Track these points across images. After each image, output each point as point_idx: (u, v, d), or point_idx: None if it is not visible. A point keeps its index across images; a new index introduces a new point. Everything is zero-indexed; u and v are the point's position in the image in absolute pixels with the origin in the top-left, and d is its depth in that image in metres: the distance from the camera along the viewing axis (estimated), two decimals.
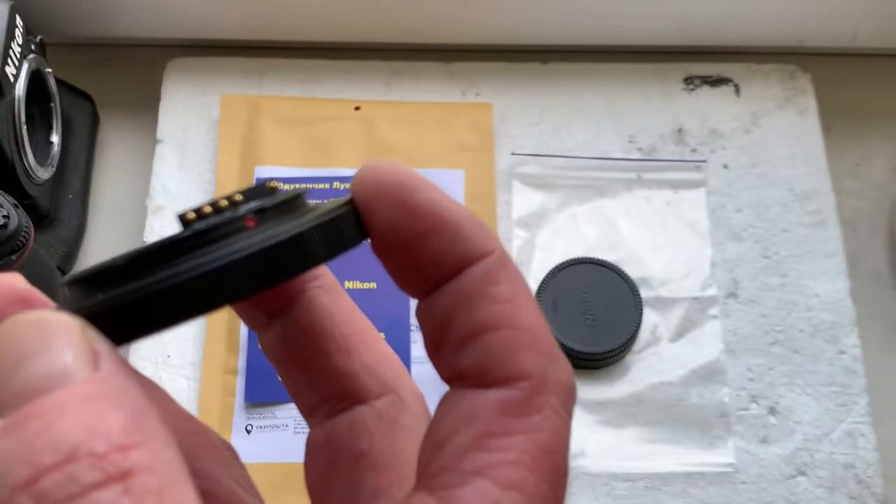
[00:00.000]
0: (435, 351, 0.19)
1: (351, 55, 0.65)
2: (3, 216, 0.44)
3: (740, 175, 0.60)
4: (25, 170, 0.53)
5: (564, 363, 0.19)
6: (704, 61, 0.64)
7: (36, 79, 0.54)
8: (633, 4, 0.62)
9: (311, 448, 0.22)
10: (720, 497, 0.52)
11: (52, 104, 0.57)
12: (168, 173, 0.59)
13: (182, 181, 0.59)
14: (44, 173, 0.55)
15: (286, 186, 0.58)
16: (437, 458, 0.18)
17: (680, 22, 0.64)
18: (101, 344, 0.16)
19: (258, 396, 0.53)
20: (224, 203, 0.18)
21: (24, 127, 0.52)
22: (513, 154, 0.60)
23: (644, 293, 0.55)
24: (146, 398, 0.15)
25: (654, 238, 0.58)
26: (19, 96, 0.52)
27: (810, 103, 0.62)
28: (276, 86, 0.63)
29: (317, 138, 0.60)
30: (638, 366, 0.55)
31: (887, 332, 0.58)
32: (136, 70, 0.65)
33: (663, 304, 0.56)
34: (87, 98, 0.62)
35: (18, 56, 0.51)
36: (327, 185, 0.58)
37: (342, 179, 0.58)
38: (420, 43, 0.65)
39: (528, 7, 0.62)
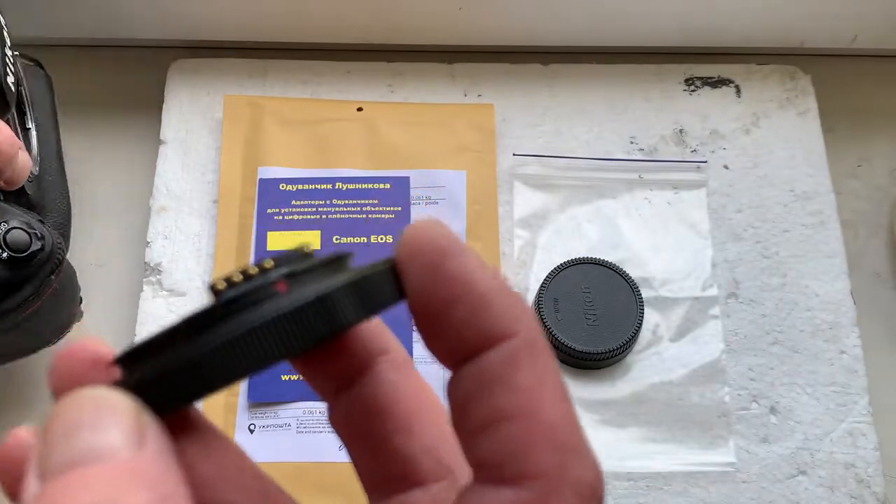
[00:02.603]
0: (458, 433, 0.18)
1: (353, 56, 0.65)
2: (39, 238, 0.42)
3: (741, 175, 0.61)
4: None
5: (589, 460, 0.17)
6: (705, 62, 0.64)
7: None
8: (633, 6, 0.63)
9: None
10: (721, 496, 0.52)
11: (22, 87, 0.52)
12: (171, 174, 0.60)
13: (185, 182, 0.60)
14: (34, 167, 0.51)
15: (291, 188, 0.58)
16: None
17: (681, 23, 0.64)
18: (151, 427, 0.16)
19: (261, 396, 0.53)
20: (254, 270, 0.18)
21: (19, 127, 0.50)
22: (514, 155, 0.60)
23: (645, 293, 0.55)
24: (183, 486, 0.16)
25: (655, 238, 0.58)
26: (18, 98, 0.49)
27: (811, 104, 0.63)
28: (278, 87, 0.63)
29: (319, 139, 0.60)
30: (639, 366, 0.55)
31: (887, 332, 0.59)
32: (139, 71, 0.65)
33: (664, 304, 0.56)
34: (38, 65, 0.57)
35: (13, 61, 0.47)
36: (329, 186, 0.58)
37: (344, 180, 0.58)
38: (422, 44, 0.65)
39: (530, 8, 0.63)
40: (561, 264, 0.56)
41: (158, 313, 0.56)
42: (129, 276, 0.58)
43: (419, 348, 0.53)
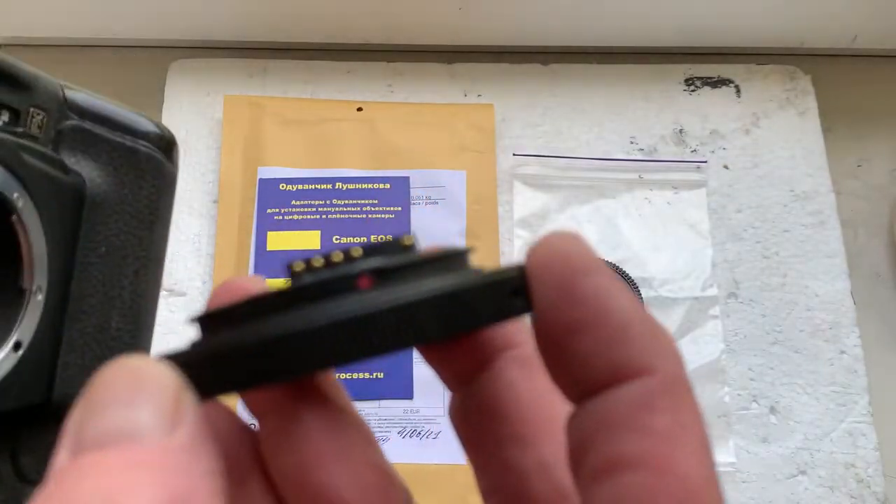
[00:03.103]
0: (573, 473, 0.16)
1: (353, 56, 0.65)
2: None
3: (741, 175, 0.61)
4: None
5: None
6: (705, 62, 0.64)
7: None
8: (634, 6, 0.63)
9: None
10: None
11: (15, 216, 0.27)
12: None
13: (185, 182, 0.60)
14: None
15: (291, 188, 0.58)
16: None
17: (681, 23, 0.64)
18: (190, 408, 0.15)
19: None
20: (338, 257, 0.16)
21: None
22: (514, 155, 0.60)
23: (645, 293, 0.55)
24: (213, 480, 0.14)
25: (655, 238, 0.58)
26: None
27: (811, 104, 0.63)
28: (278, 87, 0.63)
29: (319, 139, 0.60)
30: None
31: (887, 332, 0.59)
32: (139, 71, 0.65)
33: (664, 304, 0.56)
34: (157, 133, 0.33)
35: None
36: (329, 186, 0.58)
37: (344, 180, 0.58)
38: (422, 44, 0.65)
39: (530, 9, 0.63)
40: None
41: (158, 313, 0.56)
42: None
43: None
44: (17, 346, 0.28)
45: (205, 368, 0.15)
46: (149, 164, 0.31)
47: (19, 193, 0.27)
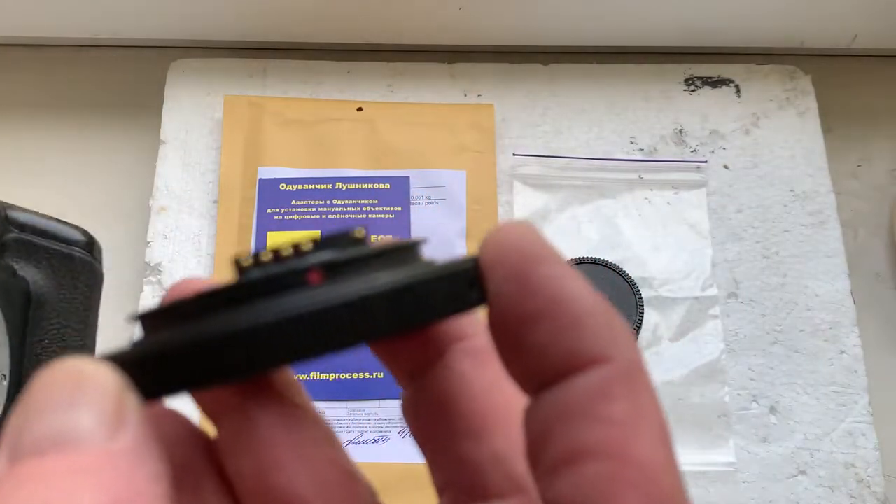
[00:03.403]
0: (532, 467, 0.16)
1: (353, 56, 0.65)
2: None
3: (741, 175, 0.61)
4: None
5: None
6: (705, 62, 0.64)
7: None
8: (633, 6, 0.63)
9: None
10: (721, 496, 0.52)
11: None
12: (171, 174, 0.60)
13: (185, 182, 0.60)
14: None
15: (291, 188, 0.58)
16: None
17: (681, 23, 0.64)
18: (133, 411, 0.14)
19: None
20: (288, 251, 0.15)
21: None
22: (514, 155, 0.60)
23: (645, 293, 0.55)
24: (158, 484, 0.14)
25: (655, 238, 0.58)
26: None
27: (811, 104, 0.63)
28: (278, 87, 0.63)
29: (319, 139, 0.60)
30: None
31: (887, 332, 0.59)
32: (139, 71, 0.65)
33: (664, 303, 0.56)
34: (84, 239, 0.39)
35: None
36: (329, 186, 0.58)
37: (344, 180, 0.58)
38: (422, 44, 0.65)
39: (530, 8, 0.63)
40: None
41: None
42: (129, 276, 0.58)
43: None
44: None
45: (148, 368, 0.15)
46: (82, 267, 0.37)
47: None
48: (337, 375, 0.54)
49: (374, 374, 0.54)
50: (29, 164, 0.51)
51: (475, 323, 0.18)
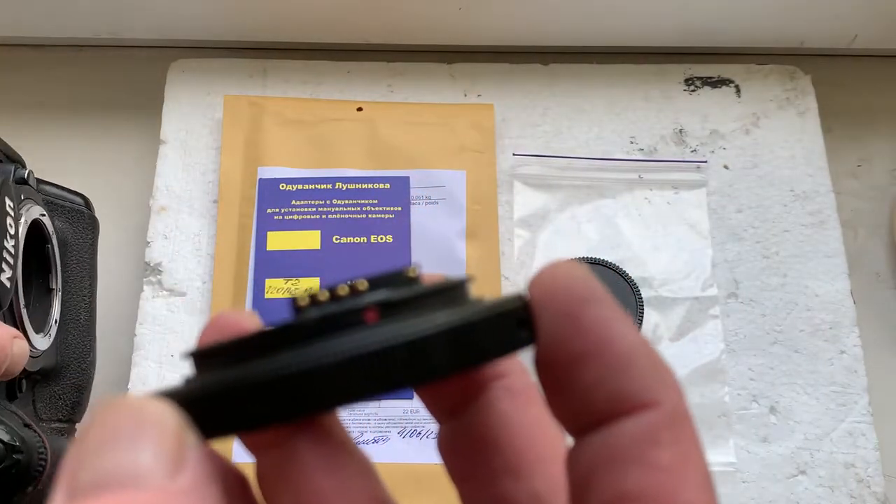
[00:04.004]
0: None
1: (353, 56, 0.65)
2: (18, 451, 0.39)
3: (741, 175, 0.61)
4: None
5: None
6: (705, 62, 0.64)
7: (32, 226, 0.46)
8: (633, 6, 0.63)
9: None
10: (721, 496, 0.52)
11: (49, 245, 0.48)
12: (171, 174, 0.60)
13: (185, 182, 0.60)
14: (45, 342, 0.46)
15: (291, 188, 0.58)
16: None
17: (681, 23, 0.64)
18: (194, 450, 0.14)
19: None
20: (344, 290, 0.15)
21: (25, 311, 0.44)
22: (514, 155, 0.60)
23: (645, 293, 0.55)
24: None
25: (655, 238, 0.58)
26: (17, 284, 0.43)
27: (811, 104, 0.63)
28: (278, 87, 0.63)
29: (319, 139, 0.60)
30: None
31: (887, 332, 0.59)
32: (139, 71, 0.65)
33: (664, 303, 0.56)
34: (83, 200, 0.53)
35: (13, 250, 0.42)
36: (329, 186, 0.58)
37: (344, 180, 0.58)
38: (422, 44, 0.65)
39: (530, 8, 0.63)
40: None
41: (158, 313, 0.56)
42: (129, 276, 0.58)
43: None
44: (55, 324, 0.48)
45: (207, 407, 0.15)
46: (86, 218, 0.53)
47: (50, 233, 0.48)
48: None
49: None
50: (29, 164, 0.51)
51: (514, 361, 0.18)
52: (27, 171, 0.46)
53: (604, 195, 0.60)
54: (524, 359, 0.17)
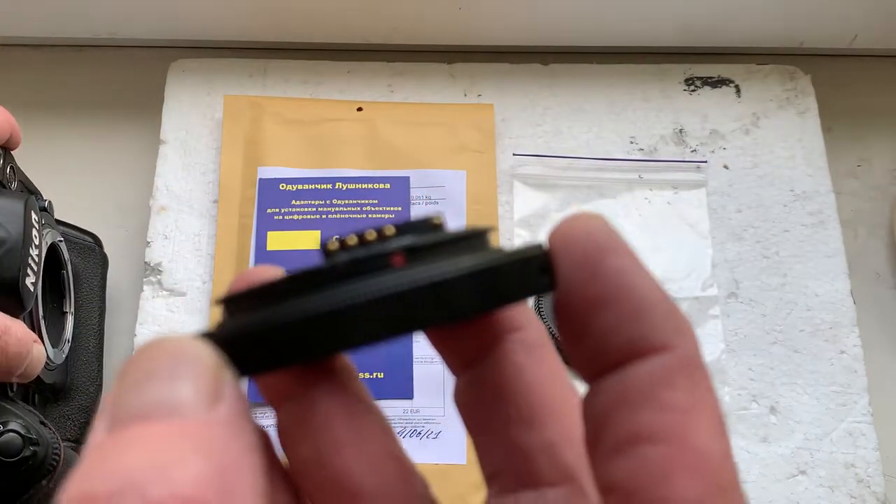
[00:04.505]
0: (589, 452, 0.16)
1: (353, 56, 0.65)
2: (34, 443, 0.41)
3: (741, 175, 0.61)
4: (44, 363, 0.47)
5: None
6: (705, 62, 0.64)
7: (49, 251, 0.49)
8: (633, 6, 0.63)
9: None
10: None
11: (64, 272, 0.52)
12: (171, 174, 0.60)
13: (185, 182, 0.60)
14: (59, 356, 0.49)
15: (291, 188, 0.58)
16: None
17: (681, 23, 0.64)
18: (230, 386, 0.15)
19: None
20: (372, 235, 0.16)
21: (43, 321, 0.47)
22: (514, 155, 0.60)
23: None
24: (254, 455, 0.14)
25: (655, 238, 0.58)
26: (38, 293, 0.45)
27: (811, 104, 0.63)
28: (278, 87, 0.63)
29: (319, 139, 0.60)
30: None
31: (887, 332, 0.59)
32: (139, 71, 0.65)
33: None
34: (94, 239, 0.57)
35: (37, 257, 0.44)
36: (329, 186, 0.58)
37: (344, 180, 0.58)
38: (422, 44, 0.65)
39: (530, 8, 0.63)
40: None
41: (158, 313, 0.56)
42: (129, 276, 0.58)
43: (419, 348, 0.54)
44: (68, 343, 0.51)
45: (243, 346, 0.15)
46: (97, 254, 0.57)
47: (65, 259, 0.52)
48: None
49: (375, 374, 0.54)
50: (29, 164, 0.51)
51: (529, 315, 0.19)
52: (47, 202, 0.50)
53: (604, 195, 0.60)
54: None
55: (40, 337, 0.45)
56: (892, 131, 0.65)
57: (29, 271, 0.43)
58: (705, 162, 0.61)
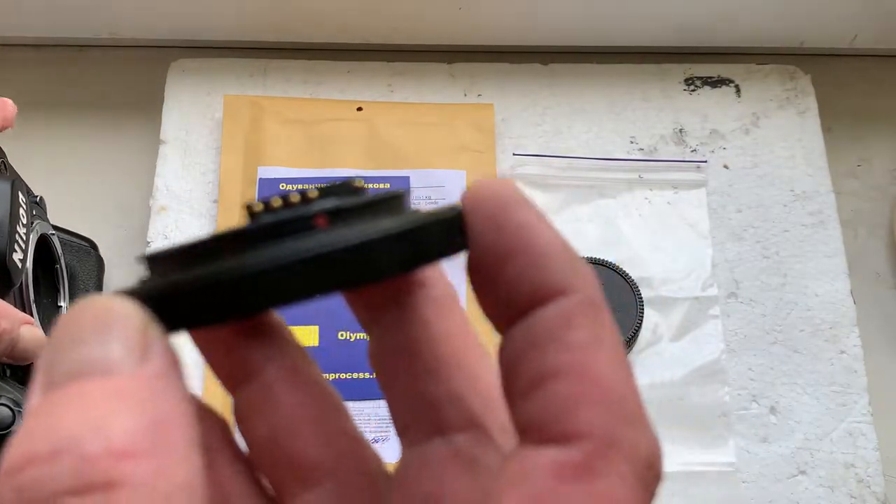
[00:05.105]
0: (507, 397, 0.17)
1: (353, 56, 0.65)
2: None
3: (741, 175, 0.61)
4: None
5: (647, 432, 0.16)
6: (705, 62, 0.64)
7: (41, 243, 0.50)
8: (633, 5, 0.63)
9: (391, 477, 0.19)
10: (721, 496, 0.52)
11: (58, 266, 0.52)
12: (171, 174, 0.60)
13: (185, 182, 0.60)
14: None
15: (291, 188, 0.58)
16: None
17: (681, 23, 0.64)
18: (158, 341, 0.15)
19: None
20: (296, 198, 0.17)
21: (35, 307, 0.48)
22: (514, 154, 0.60)
23: (645, 293, 0.55)
24: (185, 405, 0.15)
25: (655, 238, 0.58)
26: (27, 275, 0.47)
27: (811, 104, 0.63)
28: (278, 86, 0.63)
29: (319, 139, 0.60)
30: (639, 365, 0.55)
31: (887, 332, 0.59)
32: (139, 71, 0.65)
33: (664, 303, 0.56)
34: (90, 244, 0.58)
35: (25, 236, 0.45)
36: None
37: (344, 180, 0.58)
38: (422, 44, 0.65)
39: (530, 8, 0.63)
40: None
41: None
42: (128, 276, 0.58)
43: None
44: None
45: (169, 303, 0.16)
46: (95, 258, 0.58)
47: (58, 253, 0.52)
48: (337, 375, 0.54)
49: (359, 375, 0.54)
50: (29, 164, 0.51)
51: (435, 271, 0.20)
52: (39, 197, 0.51)
53: (604, 195, 0.60)
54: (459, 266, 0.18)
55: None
56: (892, 131, 0.65)
57: (17, 248, 0.44)
58: (705, 162, 0.61)
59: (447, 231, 0.17)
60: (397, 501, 0.18)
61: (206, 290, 0.16)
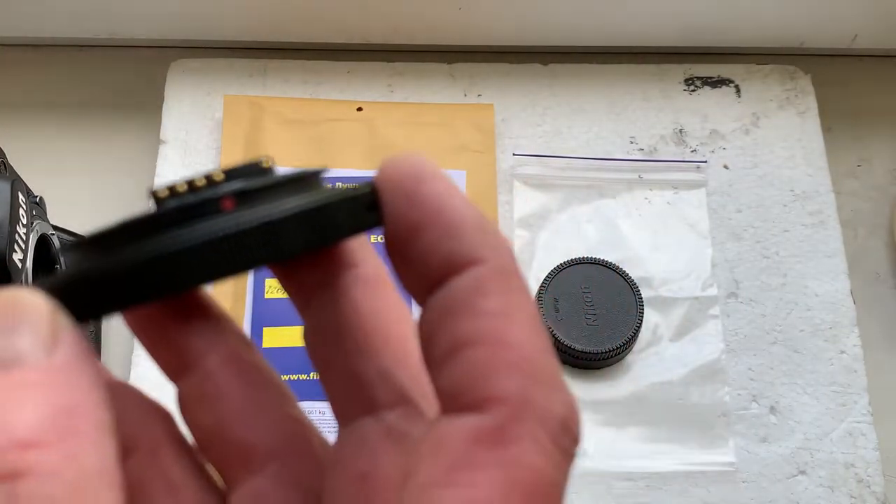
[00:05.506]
0: (427, 368, 0.17)
1: (353, 56, 0.65)
2: None
3: (741, 175, 0.61)
4: None
5: (561, 393, 0.16)
6: (705, 62, 0.64)
7: (41, 243, 0.50)
8: (633, 5, 0.63)
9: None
10: (721, 496, 0.52)
11: (58, 266, 0.53)
12: (171, 174, 0.60)
13: None
14: None
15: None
16: (404, 495, 0.15)
17: (681, 23, 0.64)
18: (66, 330, 0.15)
19: None
20: (202, 181, 0.17)
21: None
22: (514, 155, 0.60)
23: (645, 293, 0.55)
24: (95, 392, 0.15)
25: (655, 238, 0.58)
26: (27, 275, 0.47)
27: (811, 104, 0.63)
28: (278, 87, 0.63)
29: (319, 139, 0.60)
30: (639, 365, 0.55)
31: (887, 332, 0.59)
32: (139, 71, 0.65)
33: (664, 303, 0.56)
34: None
35: (25, 236, 0.46)
36: (329, 186, 0.58)
37: (344, 180, 0.58)
38: (422, 44, 0.65)
39: (530, 8, 0.63)
40: (561, 264, 0.56)
41: None
42: None
43: None
44: None
45: (78, 293, 0.16)
46: None
47: (59, 254, 0.50)
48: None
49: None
50: (29, 164, 0.51)
51: (366, 251, 0.20)
52: (38, 197, 0.51)
53: (604, 195, 0.60)
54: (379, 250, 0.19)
55: None
56: (892, 131, 0.65)
57: (17, 248, 0.44)
58: (705, 162, 0.61)
59: (359, 207, 0.17)
60: (336, 481, 0.18)
61: (108, 278, 0.16)
